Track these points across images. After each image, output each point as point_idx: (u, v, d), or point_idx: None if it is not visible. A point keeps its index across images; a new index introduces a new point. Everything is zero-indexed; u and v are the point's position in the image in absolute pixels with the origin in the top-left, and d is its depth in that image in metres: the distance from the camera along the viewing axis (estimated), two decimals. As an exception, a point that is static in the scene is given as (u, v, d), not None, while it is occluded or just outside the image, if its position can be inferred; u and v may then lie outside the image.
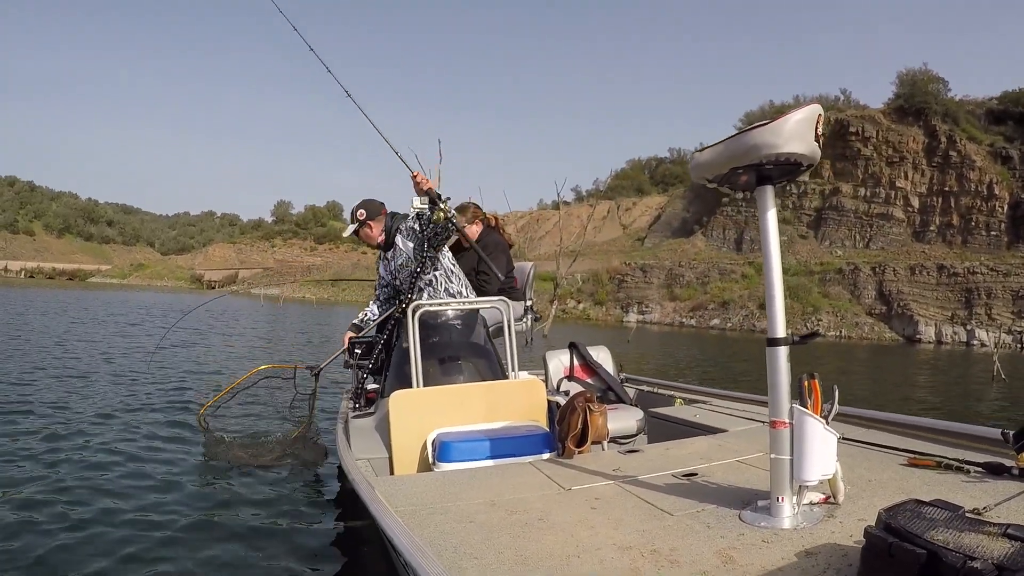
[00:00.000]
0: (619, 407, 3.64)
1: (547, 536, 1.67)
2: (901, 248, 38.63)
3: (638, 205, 55.88)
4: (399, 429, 2.77)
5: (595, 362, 4.07)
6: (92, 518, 3.25)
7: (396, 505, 1.95)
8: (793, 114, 1.66)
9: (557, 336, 16.79)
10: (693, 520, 1.75)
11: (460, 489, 2.13)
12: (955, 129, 39.82)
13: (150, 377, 7.90)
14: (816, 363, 15.72)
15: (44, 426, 5.04)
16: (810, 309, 35.69)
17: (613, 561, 1.50)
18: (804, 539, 1.57)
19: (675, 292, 41.22)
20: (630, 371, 4.97)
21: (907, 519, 1.32)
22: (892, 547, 1.25)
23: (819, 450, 1.68)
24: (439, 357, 3.29)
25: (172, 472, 4.06)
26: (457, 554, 1.56)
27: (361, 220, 3.63)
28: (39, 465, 4.04)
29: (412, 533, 1.66)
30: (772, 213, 1.79)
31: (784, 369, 1.73)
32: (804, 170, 1.77)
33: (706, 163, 1.83)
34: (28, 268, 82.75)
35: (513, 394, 2.98)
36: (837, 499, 1.79)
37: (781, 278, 1.78)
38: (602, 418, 2.59)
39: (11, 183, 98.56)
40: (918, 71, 43.27)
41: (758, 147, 1.66)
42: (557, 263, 21.19)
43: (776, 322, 1.75)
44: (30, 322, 15.57)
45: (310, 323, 22.63)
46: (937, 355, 24.14)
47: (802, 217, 42.89)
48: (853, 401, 2.75)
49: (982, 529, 1.28)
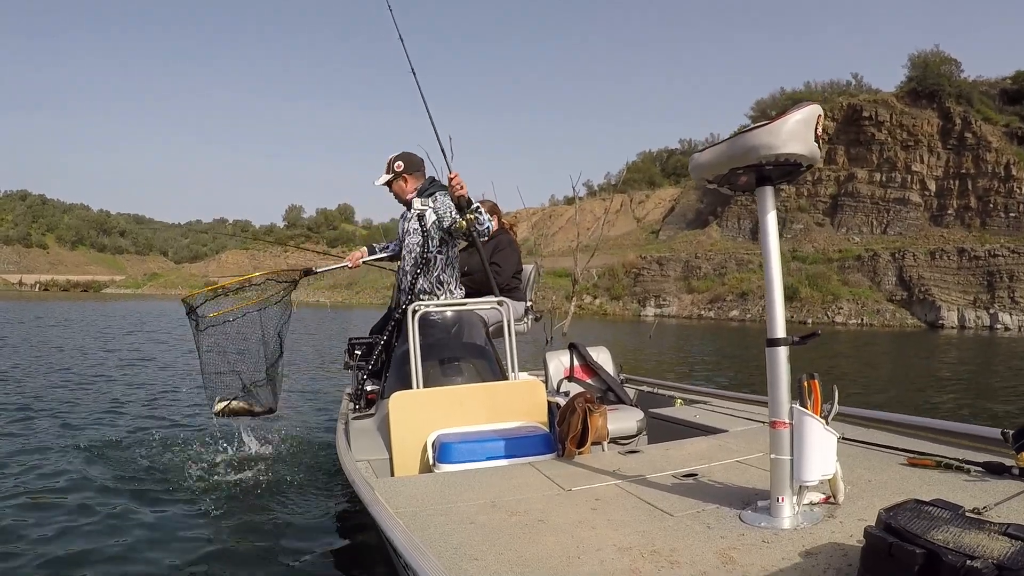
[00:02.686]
0: (619, 408, 3.64)
1: (547, 537, 1.67)
2: (919, 233, 38.19)
3: (651, 198, 55.60)
4: (399, 430, 2.76)
5: (595, 363, 4.06)
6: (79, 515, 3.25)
7: (396, 506, 1.95)
8: (792, 115, 1.66)
9: (576, 333, 16.67)
10: (693, 521, 1.75)
11: (460, 490, 2.12)
12: (969, 110, 39.28)
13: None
14: (839, 356, 15.46)
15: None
16: (830, 298, 35.36)
17: (613, 562, 1.50)
18: (804, 539, 1.57)
19: (692, 284, 40.88)
20: (643, 372, 4.97)
21: (907, 519, 1.32)
22: (892, 547, 1.25)
23: (819, 450, 1.68)
24: (439, 358, 3.29)
25: (171, 471, 4.06)
26: (457, 555, 1.56)
27: (397, 172, 3.41)
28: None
29: (412, 534, 1.66)
30: (772, 214, 1.79)
31: (784, 369, 1.74)
32: (804, 170, 1.78)
33: (706, 164, 1.83)
34: (43, 281, 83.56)
35: (513, 395, 2.98)
36: (837, 499, 1.79)
37: (781, 279, 1.78)
38: (602, 419, 2.59)
39: (23, 197, 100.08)
40: (930, 53, 42.62)
41: (757, 148, 1.66)
42: (574, 259, 21.03)
43: (776, 322, 1.75)
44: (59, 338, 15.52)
45: (326, 328, 21.89)
46: (961, 340, 23.60)
47: (818, 204, 42.39)
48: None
49: (982, 529, 1.28)
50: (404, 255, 3.61)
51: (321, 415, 6.22)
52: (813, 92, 45.98)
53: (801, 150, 1.66)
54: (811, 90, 46.39)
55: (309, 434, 5.35)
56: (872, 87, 45.80)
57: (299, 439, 5.11)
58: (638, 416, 3.44)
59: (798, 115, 1.66)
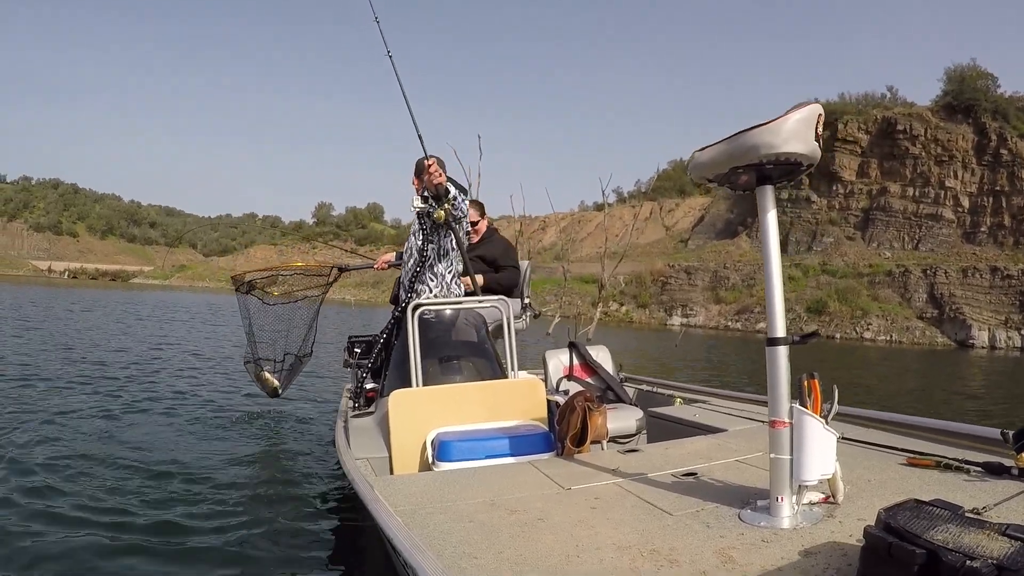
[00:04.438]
0: (619, 407, 3.64)
1: (547, 536, 1.67)
2: (951, 250, 37.80)
3: (681, 206, 55.38)
4: (398, 428, 2.76)
5: (595, 361, 4.07)
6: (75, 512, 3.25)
7: (396, 505, 1.95)
8: (792, 114, 1.66)
9: (600, 340, 16.52)
10: (693, 520, 1.75)
11: (459, 489, 2.12)
12: (1006, 126, 38.84)
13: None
14: (869, 368, 15.16)
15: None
16: (859, 313, 34.95)
17: (612, 561, 1.50)
18: (804, 539, 1.57)
19: (720, 295, 40.58)
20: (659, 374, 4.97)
21: (907, 519, 1.32)
22: (892, 547, 1.24)
23: (819, 450, 1.68)
24: (439, 356, 3.29)
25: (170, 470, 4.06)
26: (457, 554, 1.56)
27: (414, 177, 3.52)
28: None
29: (412, 533, 1.66)
30: (772, 213, 1.79)
31: (784, 369, 1.73)
32: (804, 170, 1.77)
33: (706, 163, 1.83)
34: (72, 269, 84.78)
35: (513, 394, 2.98)
36: (837, 499, 1.79)
37: (781, 278, 1.78)
38: (601, 417, 2.59)
39: (55, 186, 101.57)
40: (966, 67, 42.10)
41: (757, 147, 1.66)
42: (602, 265, 20.90)
43: (775, 322, 1.75)
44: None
45: (349, 326, 21.88)
46: (991, 361, 23.26)
47: (849, 218, 42.07)
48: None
49: (982, 529, 1.28)
50: (405, 283, 3.68)
51: (321, 413, 6.22)
52: (847, 104, 45.59)
53: (801, 149, 1.66)
54: (845, 101, 46.02)
55: (308, 431, 5.36)
56: (907, 100, 45.42)
57: (298, 437, 5.11)
58: (637, 415, 3.44)
59: (798, 114, 1.66)
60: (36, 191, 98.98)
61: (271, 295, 4.64)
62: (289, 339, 4.76)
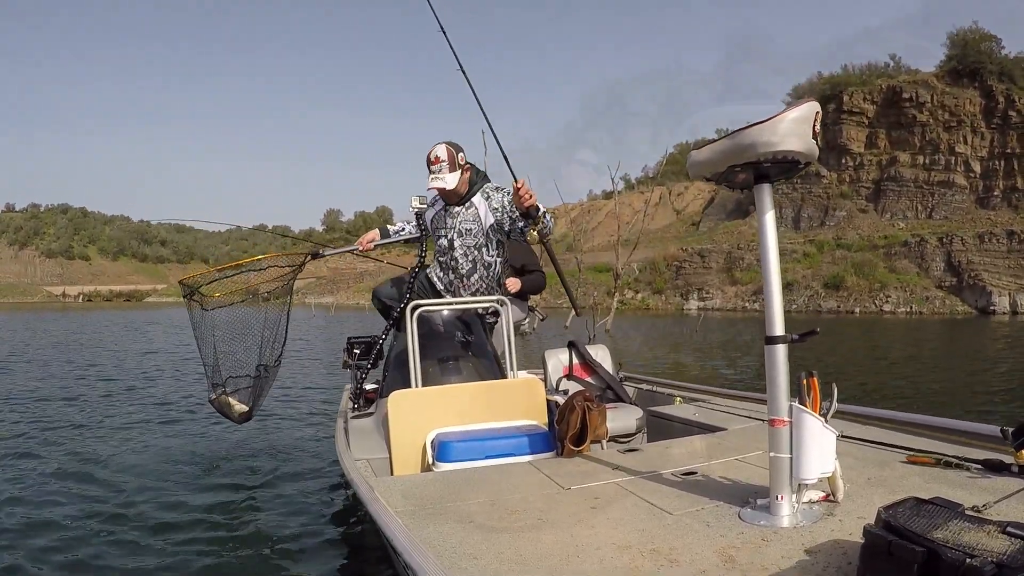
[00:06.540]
0: (618, 406, 3.63)
1: (546, 536, 1.66)
2: (966, 216, 37.04)
3: (690, 189, 54.54)
4: (398, 429, 2.76)
5: (594, 361, 4.06)
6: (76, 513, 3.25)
7: (395, 505, 1.94)
8: (789, 112, 1.65)
9: (619, 330, 16.12)
10: (692, 519, 1.75)
11: (459, 489, 2.12)
12: (1013, 88, 38.22)
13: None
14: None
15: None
16: (877, 286, 34.25)
17: (612, 560, 1.50)
18: (804, 537, 1.57)
19: (735, 276, 39.82)
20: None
21: (906, 517, 1.32)
22: (892, 545, 1.24)
23: (818, 448, 1.68)
24: (438, 357, 3.28)
25: (169, 471, 4.06)
26: (456, 554, 1.55)
27: (462, 165, 3.26)
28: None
29: (411, 533, 1.66)
30: (770, 212, 1.79)
31: (783, 367, 1.73)
32: (802, 168, 1.77)
33: (704, 161, 1.83)
34: (86, 292, 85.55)
35: (512, 393, 2.98)
36: (836, 497, 1.79)
37: (779, 276, 1.78)
38: (601, 417, 2.58)
39: (64, 211, 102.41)
40: (969, 30, 41.32)
41: (755, 145, 1.66)
42: (616, 253, 20.55)
43: (774, 320, 1.74)
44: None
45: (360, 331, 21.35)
46: (1013, 326, 22.73)
47: (860, 190, 41.18)
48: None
49: (982, 527, 1.27)
50: (451, 252, 3.46)
51: (320, 414, 6.22)
52: (851, 75, 44.55)
53: (799, 147, 1.66)
54: (849, 73, 45.05)
55: (308, 433, 5.36)
56: (911, 67, 44.36)
57: (298, 438, 5.11)
58: (637, 414, 3.43)
59: (795, 112, 1.65)
60: (46, 217, 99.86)
61: (233, 296, 3.78)
62: (263, 347, 3.83)
